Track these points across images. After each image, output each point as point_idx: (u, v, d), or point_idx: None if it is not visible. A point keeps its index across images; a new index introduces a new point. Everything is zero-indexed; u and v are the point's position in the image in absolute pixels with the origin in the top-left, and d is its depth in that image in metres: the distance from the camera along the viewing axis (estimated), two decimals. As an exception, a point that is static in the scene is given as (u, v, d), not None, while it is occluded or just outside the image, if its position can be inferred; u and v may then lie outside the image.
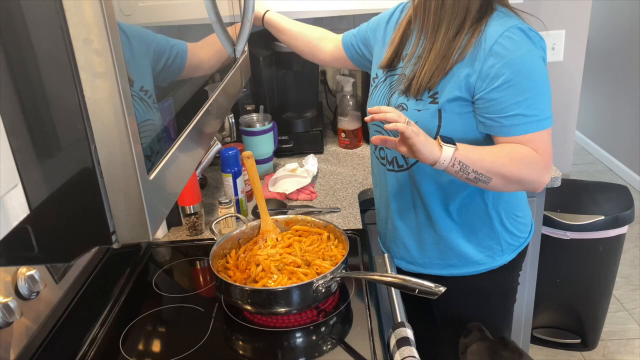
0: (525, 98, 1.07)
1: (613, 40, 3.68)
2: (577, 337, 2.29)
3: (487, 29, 1.09)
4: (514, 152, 1.09)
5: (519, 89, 1.07)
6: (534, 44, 1.08)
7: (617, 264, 2.16)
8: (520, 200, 1.34)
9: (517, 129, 1.09)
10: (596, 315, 2.23)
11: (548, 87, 1.10)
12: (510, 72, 1.06)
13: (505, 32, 1.07)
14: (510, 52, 1.06)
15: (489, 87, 1.08)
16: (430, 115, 1.14)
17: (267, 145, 1.74)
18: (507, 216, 1.28)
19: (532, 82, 1.07)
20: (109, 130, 0.50)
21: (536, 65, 1.08)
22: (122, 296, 1.21)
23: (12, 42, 0.47)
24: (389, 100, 1.23)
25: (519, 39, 1.07)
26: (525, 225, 1.35)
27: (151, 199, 0.55)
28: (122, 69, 0.50)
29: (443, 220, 1.25)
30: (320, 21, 2.02)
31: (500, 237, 1.28)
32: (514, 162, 1.09)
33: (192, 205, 1.41)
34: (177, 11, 0.81)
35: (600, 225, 2.02)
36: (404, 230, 1.32)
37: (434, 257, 1.30)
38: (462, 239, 1.27)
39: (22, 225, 0.49)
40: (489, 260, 1.29)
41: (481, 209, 1.25)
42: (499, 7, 1.13)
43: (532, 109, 1.07)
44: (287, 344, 1.06)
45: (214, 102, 0.89)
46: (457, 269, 1.30)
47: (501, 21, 1.09)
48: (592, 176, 3.74)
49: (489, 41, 1.07)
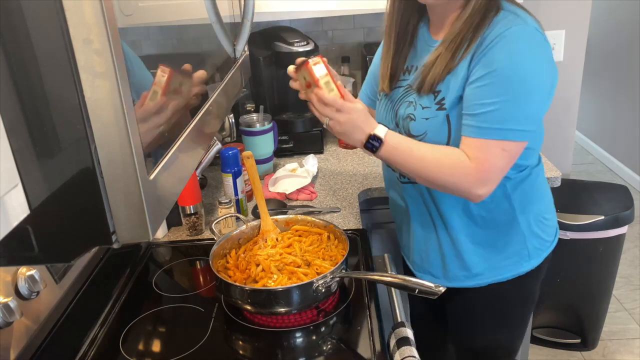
0: (495, 101, 1.00)
1: (613, 40, 3.68)
2: (577, 337, 2.29)
3: (490, 29, 1.04)
4: (444, 158, 1.06)
5: (494, 89, 1.01)
6: (532, 47, 1.02)
7: (617, 264, 2.16)
8: (548, 202, 1.28)
9: (467, 129, 1.04)
10: (596, 315, 2.23)
11: (535, 97, 1.02)
12: (493, 70, 1.00)
13: (505, 32, 1.02)
14: (501, 52, 1.00)
15: (470, 83, 1.04)
16: (439, 123, 1.09)
17: (267, 145, 1.74)
18: (535, 220, 1.22)
19: (511, 87, 1.00)
20: (109, 130, 0.50)
21: (526, 71, 1.01)
22: (122, 296, 1.21)
23: (12, 42, 0.47)
24: (396, 113, 1.19)
25: (516, 39, 1.01)
26: (552, 227, 1.29)
27: (151, 199, 0.55)
28: (122, 69, 0.50)
29: (465, 228, 1.19)
30: (320, 21, 2.02)
31: (527, 242, 1.21)
32: (440, 168, 1.06)
33: (192, 205, 1.41)
34: (177, 11, 0.81)
35: (600, 225, 2.02)
36: (424, 243, 1.26)
37: (458, 270, 1.23)
38: (487, 247, 1.20)
39: (22, 225, 0.49)
40: (515, 266, 1.22)
41: (508, 214, 1.18)
42: (505, 5, 1.07)
43: (496, 115, 1.01)
44: (287, 344, 1.06)
45: (214, 102, 0.89)
46: (483, 278, 1.23)
47: (505, 21, 1.04)
48: (592, 176, 3.74)
49: (487, 41, 1.03)
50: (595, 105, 4.02)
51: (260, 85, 1.86)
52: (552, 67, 1.05)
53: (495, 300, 1.28)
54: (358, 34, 2.05)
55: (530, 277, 1.25)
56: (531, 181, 1.19)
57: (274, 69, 1.86)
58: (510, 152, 1.04)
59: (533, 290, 1.31)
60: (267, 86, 1.86)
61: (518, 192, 1.17)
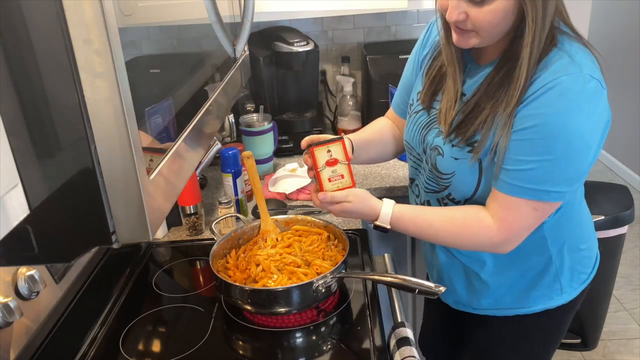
0: (533, 159, 0.91)
1: (613, 40, 3.68)
2: (577, 337, 2.28)
3: (539, 72, 0.91)
4: (465, 228, 1.01)
5: (533, 147, 0.91)
6: (582, 101, 0.89)
7: (617, 264, 2.16)
8: (586, 230, 1.16)
9: (499, 183, 0.96)
10: (596, 315, 2.23)
11: (580, 159, 0.92)
12: (534, 125, 0.90)
13: (554, 82, 0.89)
14: (546, 106, 0.89)
15: (510, 134, 0.93)
16: (469, 167, 1.00)
17: (267, 145, 1.74)
18: (570, 250, 1.11)
19: (554, 147, 0.90)
20: (109, 130, 0.50)
21: (574, 130, 0.89)
22: (122, 296, 1.21)
23: (12, 42, 0.47)
24: (424, 137, 1.10)
25: (565, 92, 0.89)
26: (590, 258, 1.17)
27: (151, 199, 0.55)
28: (122, 69, 0.50)
29: (492, 257, 1.10)
30: (320, 21, 2.02)
31: (560, 275, 1.11)
32: (461, 238, 1.03)
33: (192, 205, 1.41)
34: (177, 11, 0.81)
35: (600, 225, 2.01)
36: (448, 268, 1.19)
37: (483, 299, 1.16)
38: (515, 278, 1.11)
39: (22, 225, 0.49)
40: (545, 300, 1.13)
41: (537, 244, 1.08)
42: (561, 40, 0.93)
43: (532, 175, 0.92)
44: (287, 344, 1.06)
45: (214, 102, 0.89)
46: (510, 310, 1.15)
47: (557, 65, 0.90)
48: (592, 176, 3.72)
49: (534, 87, 0.91)
50: (595, 105, 4.01)
51: (260, 85, 1.86)
52: (603, 120, 0.93)
53: (519, 332, 1.19)
54: (358, 34, 2.05)
55: (562, 311, 1.15)
56: (567, 210, 1.08)
57: (274, 69, 1.86)
58: (542, 211, 0.97)
59: (563, 324, 1.21)
60: (267, 86, 1.86)
61: (551, 223, 1.07)
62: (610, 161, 3.86)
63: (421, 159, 1.13)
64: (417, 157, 1.14)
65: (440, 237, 1.06)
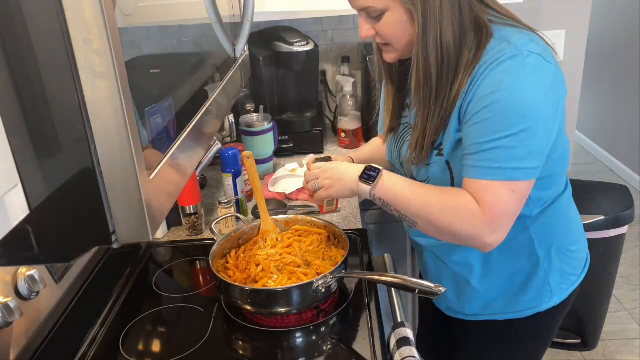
0: (493, 138, 0.91)
1: (613, 40, 3.68)
2: (577, 337, 2.28)
3: (480, 64, 0.94)
4: (448, 199, 0.97)
5: (490, 126, 0.91)
6: (526, 74, 0.91)
7: (617, 264, 2.16)
8: (575, 231, 1.17)
9: (467, 170, 0.95)
10: (596, 315, 2.23)
11: (534, 129, 0.91)
12: (485, 107, 0.91)
13: (494, 64, 0.92)
14: (492, 86, 0.91)
15: (465, 123, 0.95)
16: (441, 169, 1.02)
17: (267, 145, 1.74)
18: (558, 252, 1.11)
19: (510, 121, 0.90)
20: (109, 130, 0.50)
21: (521, 101, 0.90)
22: (122, 296, 1.21)
23: (12, 42, 0.47)
24: (399, 151, 1.14)
25: (507, 70, 0.91)
26: (579, 260, 1.18)
27: (151, 199, 0.55)
28: (122, 69, 0.50)
29: (480, 259, 1.11)
30: (320, 21, 2.02)
31: (549, 277, 1.12)
32: (444, 211, 0.96)
33: (192, 205, 1.41)
34: (177, 11, 0.81)
35: (600, 225, 2.01)
36: (437, 272, 1.20)
37: (473, 302, 1.17)
38: (503, 281, 1.12)
39: (22, 225, 0.49)
40: (535, 303, 1.13)
41: (525, 247, 1.08)
42: (495, 29, 0.96)
43: (496, 153, 0.92)
44: (287, 344, 1.06)
45: (214, 102, 0.89)
46: (501, 315, 1.15)
47: (494, 52, 0.93)
48: (592, 176, 3.74)
49: (477, 77, 0.93)
50: (595, 105, 4.02)
51: (260, 85, 1.86)
52: (554, 90, 0.94)
53: (510, 335, 1.19)
54: (358, 34, 2.05)
55: (552, 314, 1.15)
56: (554, 210, 1.09)
57: (274, 69, 1.86)
58: (520, 193, 0.94)
59: (553, 326, 1.21)
60: (267, 86, 1.86)
61: (538, 224, 1.08)
62: (610, 161, 3.86)
63: (403, 174, 1.14)
64: (399, 173, 1.14)
65: (425, 211, 1.00)
